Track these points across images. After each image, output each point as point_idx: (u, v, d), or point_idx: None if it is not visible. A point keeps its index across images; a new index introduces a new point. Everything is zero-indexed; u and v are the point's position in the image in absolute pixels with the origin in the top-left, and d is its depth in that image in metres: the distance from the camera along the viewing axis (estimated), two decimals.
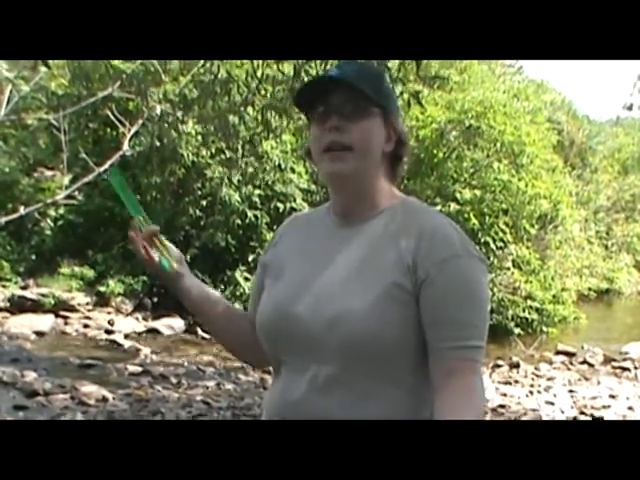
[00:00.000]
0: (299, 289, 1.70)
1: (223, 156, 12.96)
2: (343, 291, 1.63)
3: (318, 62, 5.45)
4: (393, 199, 1.72)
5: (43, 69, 10.57)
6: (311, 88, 1.72)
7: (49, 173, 13.12)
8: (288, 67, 6.18)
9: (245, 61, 9.36)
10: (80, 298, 12.27)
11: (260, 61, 6.40)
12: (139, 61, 11.92)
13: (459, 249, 1.62)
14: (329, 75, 1.73)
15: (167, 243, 1.87)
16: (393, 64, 5.73)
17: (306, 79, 5.90)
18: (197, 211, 13.07)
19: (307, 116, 1.74)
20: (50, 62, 6.48)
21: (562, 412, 8.54)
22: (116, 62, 11.95)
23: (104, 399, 7.58)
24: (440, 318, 1.59)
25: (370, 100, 1.66)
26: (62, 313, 11.84)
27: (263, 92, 7.21)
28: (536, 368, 11.25)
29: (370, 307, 1.59)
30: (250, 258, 12.57)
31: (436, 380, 1.58)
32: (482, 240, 13.47)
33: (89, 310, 12.23)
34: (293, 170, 13.19)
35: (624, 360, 12.02)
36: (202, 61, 9.13)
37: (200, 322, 1.96)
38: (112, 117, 11.64)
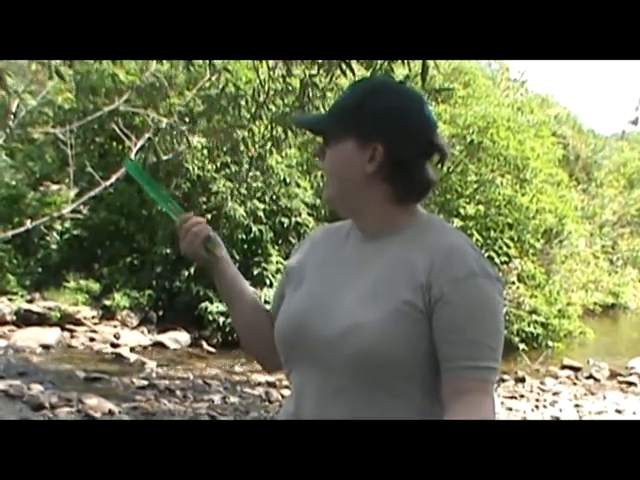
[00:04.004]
0: (315, 301, 1.71)
1: (228, 170, 12.97)
2: (356, 305, 1.64)
3: (323, 75, 5.48)
4: (412, 217, 1.71)
5: (50, 83, 10.64)
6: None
7: (55, 187, 13.14)
8: (295, 81, 6.21)
9: (252, 77, 9.38)
10: (86, 312, 12.26)
11: (267, 75, 6.43)
12: (145, 75, 11.98)
13: (476, 268, 1.61)
14: (295, 118, 1.90)
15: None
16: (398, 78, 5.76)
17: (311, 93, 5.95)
18: None
19: None
20: (56, 76, 6.51)
21: None
22: (122, 76, 12.01)
23: (110, 412, 7.60)
24: (454, 337, 1.58)
25: (335, 126, 1.69)
26: (68, 326, 11.83)
27: (271, 107, 7.23)
28: (542, 383, 11.23)
29: (380, 323, 1.59)
30: (255, 272, 12.55)
31: (447, 398, 1.58)
32: (486, 255, 13.45)
33: (95, 323, 12.22)
34: (298, 185, 13.18)
35: (630, 375, 11.99)
36: (208, 75, 9.18)
37: (230, 312, 1.91)
38: (118, 131, 11.70)
